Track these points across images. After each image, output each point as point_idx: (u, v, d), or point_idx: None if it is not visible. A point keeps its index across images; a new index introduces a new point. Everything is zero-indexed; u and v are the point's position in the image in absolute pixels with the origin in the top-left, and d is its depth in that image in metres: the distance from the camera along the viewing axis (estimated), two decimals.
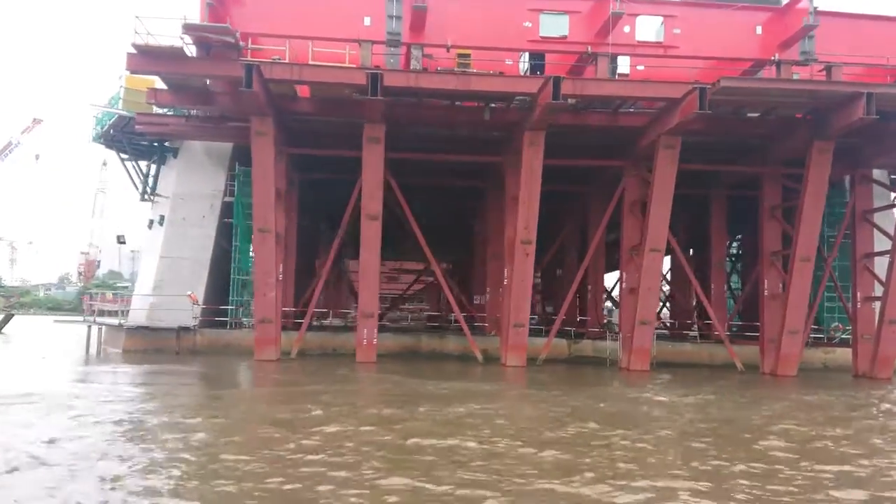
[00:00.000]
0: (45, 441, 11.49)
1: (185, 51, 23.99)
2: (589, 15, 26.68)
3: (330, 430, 13.11)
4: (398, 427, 13.63)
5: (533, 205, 26.89)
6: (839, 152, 27.03)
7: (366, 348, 27.93)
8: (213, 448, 11.37)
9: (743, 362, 30.28)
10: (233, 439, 12.22)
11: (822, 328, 33.90)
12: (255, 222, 26.79)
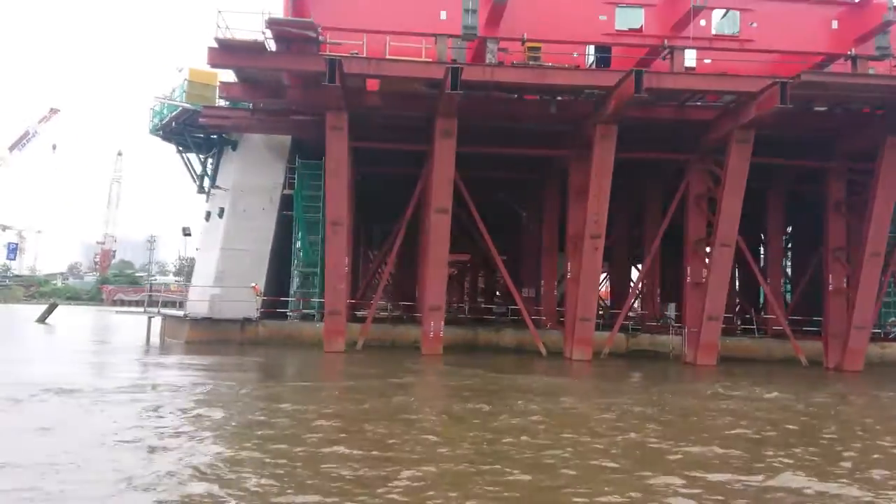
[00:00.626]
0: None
1: (265, 45, 24.03)
2: (664, 8, 26.56)
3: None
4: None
5: (603, 198, 26.91)
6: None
7: (432, 341, 28.04)
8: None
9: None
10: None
11: (879, 323, 33.77)
12: (328, 215, 26.91)
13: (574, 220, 29.41)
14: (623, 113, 25.07)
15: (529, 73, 24.93)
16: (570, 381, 22.73)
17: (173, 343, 31.68)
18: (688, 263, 29.84)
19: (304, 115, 30.48)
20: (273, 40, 24.28)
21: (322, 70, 24.32)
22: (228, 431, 12.12)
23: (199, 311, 32.26)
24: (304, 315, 32.59)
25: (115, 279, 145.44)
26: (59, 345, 31.86)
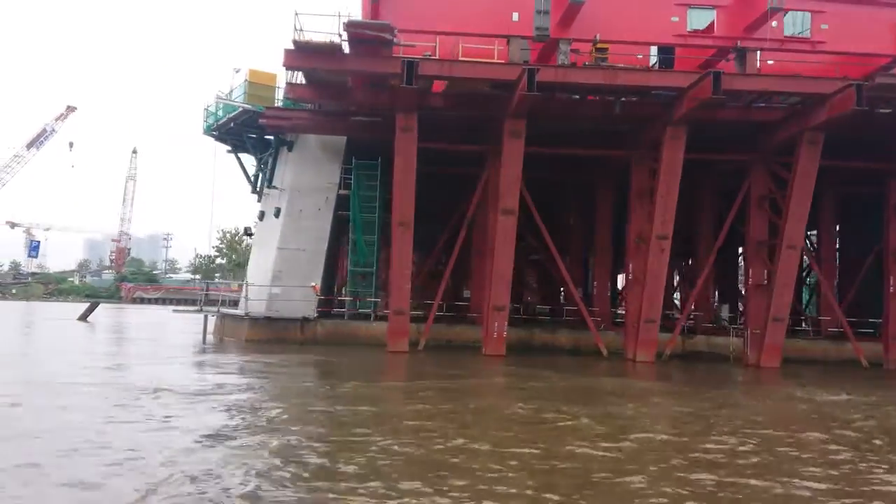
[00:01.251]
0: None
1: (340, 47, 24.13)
2: (736, 9, 26.53)
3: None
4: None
5: (672, 200, 26.92)
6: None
7: (496, 341, 28.09)
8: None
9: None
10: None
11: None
12: (396, 216, 26.98)
13: (636, 221, 29.41)
14: (694, 115, 25.05)
15: (601, 74, 24.94)
16: (653, 384, 22.75)
17: (231, 342, 31.82)
18: (749, 265, 29.82)
19: (363, 117, 30.52)
20: (347, 42, 24.30)
21: (396, 72, 24.47)
22: (389, 427, 12.20)
23: (255, 311, 32.34)
24: (360, 314, 32.72)
25: (132, 277, 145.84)
26: (122, 346, 31.89)
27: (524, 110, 25.12)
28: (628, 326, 29.60)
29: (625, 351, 29.66)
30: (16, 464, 9.25)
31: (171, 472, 9.02)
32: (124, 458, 9.60)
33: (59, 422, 12.13)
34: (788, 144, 27.91)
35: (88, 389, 16.18)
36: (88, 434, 11.05)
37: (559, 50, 25.12)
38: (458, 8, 25.58)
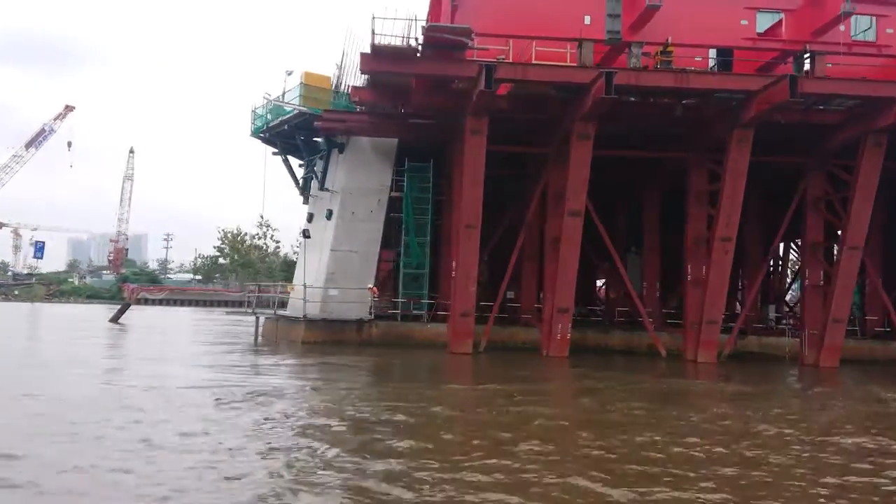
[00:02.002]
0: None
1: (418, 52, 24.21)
2: (803, 13, 26.74)
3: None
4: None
5: (737, 201, 27.12)
6: None
7: (559, 343, 28.24)
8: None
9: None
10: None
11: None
12: (463, 219, 27.07)
13: (694, 223, 29.58)
14: (763, 117, 25.23)
15: (673, 78, 25.10)
16: (728, 386, 22.96)
17: (286, 343, 31.78)
18: (806, 266, 30.06)
19: (421, 119, 30.61)
20: (422, 46, 24.36)
21: (470, 75, 24.60)
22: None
23: (308, 312, 32.32)
24: (413, 316, 32.80)
25: (135, 277, 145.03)
26: (179, 348, 31.69)
27: (597, 113, 25.23)
28: (687, 328, 29.73)
29: (683, 352, 29.81)
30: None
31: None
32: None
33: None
34: (847, 147, 28.16)
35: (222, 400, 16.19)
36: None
37: (631, 53, 25.23)
38: (530, 12, 25.68)
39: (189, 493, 8.44)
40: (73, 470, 9.34)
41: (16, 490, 8.41)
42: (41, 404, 14.26)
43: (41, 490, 8.48)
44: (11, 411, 13.45)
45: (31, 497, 8.28)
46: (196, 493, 8.49)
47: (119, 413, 13.30)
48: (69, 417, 12.71)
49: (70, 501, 8.32)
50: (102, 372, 20.52)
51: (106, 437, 11.22)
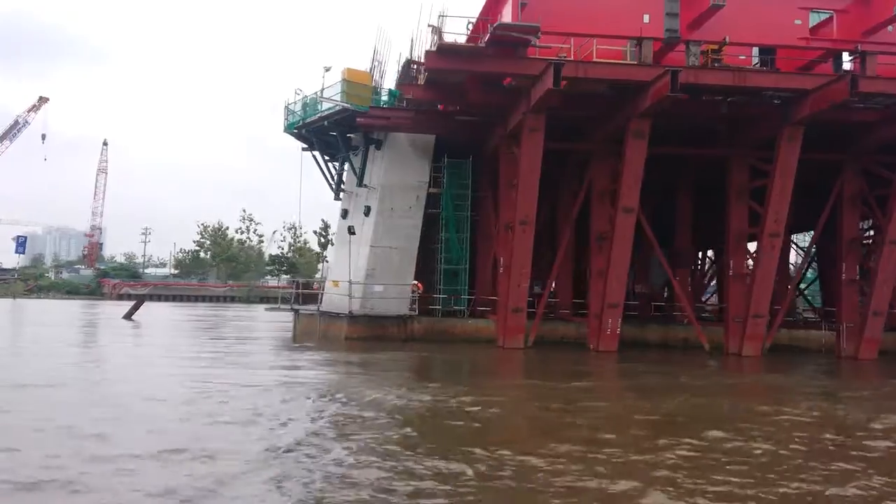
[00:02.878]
0: None
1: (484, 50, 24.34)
2: (853, 14, 27.33)
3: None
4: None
5: (785, 198, 27.65)
6: None
7: (609, 337, 28.60)
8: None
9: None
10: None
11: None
12: (518, 215, 27.26)
13: (736, 219, 30.08)
14: (820, 116, 25.78)
15: (729, 76, 25.54)
16: (792, 379, 23.51)
17: (328, 339, 31.72)
18: (844, 261, 30.76)
19: (467, 116, 30.75)
20: (487, 44, 24.49)
21: (533, 73, 24.82)
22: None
23: (346, 307, 32.31)
24: (453, 311, 33.00)
25: (115, 272, 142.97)
26: (224, 346, 31.41)
27: (655, 111, 25.56)
28: (729, 322, 30.25)
29: (725, 345, 30.30)
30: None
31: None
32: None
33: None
34: (885, 144, 28.91)
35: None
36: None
37: (689, 51, 25.60)
38: (591, 10, 25.90)
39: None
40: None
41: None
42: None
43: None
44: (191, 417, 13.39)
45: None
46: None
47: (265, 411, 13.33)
48: (232, 436, 12.33)
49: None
50: (188, 375, 20.35)
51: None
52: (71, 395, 15.43)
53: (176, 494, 8.11)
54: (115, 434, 11.16)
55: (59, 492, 8.26)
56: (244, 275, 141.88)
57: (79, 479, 8.66)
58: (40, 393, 15.48)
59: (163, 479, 8.68)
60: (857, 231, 30.81)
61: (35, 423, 11.76)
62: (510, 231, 29.41)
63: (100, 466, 9.21)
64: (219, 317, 58.99)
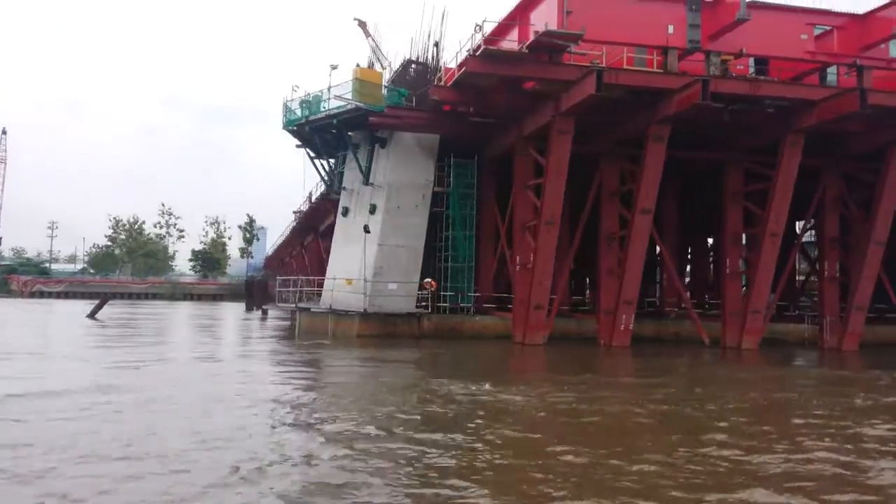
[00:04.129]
0: None
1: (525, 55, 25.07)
2: (853, 31, 29.51)
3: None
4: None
5: (786, 200, 29.57)
6: None
7: (623, 333, 29.86)
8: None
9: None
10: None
11: None
12: (544, 215, 28.12)
13: (732, 219, 31.96)
14: (827, 126, 27.77)
15: (745, 85, 27.14)
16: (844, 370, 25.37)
17: (337, 337, 31.79)
18: (826, 259, 33.12)
19: (482, 118, 31.41)
20: (529, 49, 25.24)
21: (570, 79, 25.76)
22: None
23: (356, 306, 32.48)
24: (460, 308, 33.65)
25: (22, 268, 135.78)
26: (230, 346, 31.01)
27: (679, 117, 26.91)
28: (726, 317, 32.07)
29: (722, 339, 32.07)
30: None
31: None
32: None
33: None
34: (867, 151, 31.34)
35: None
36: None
37: (710, 61, 27.02)
38: (622, 20, 27.01)
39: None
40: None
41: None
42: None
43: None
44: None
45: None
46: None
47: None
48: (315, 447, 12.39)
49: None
50: (234, 378, 20.22)
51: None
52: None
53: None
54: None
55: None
56: (162, 272, 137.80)
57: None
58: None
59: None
60: (837, 231, 33.18)
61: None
62: (527, 231, 30.35)
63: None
64: (173, 315, 57.49)
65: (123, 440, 10.34)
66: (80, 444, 10.05)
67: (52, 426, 11.29)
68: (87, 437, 10.54)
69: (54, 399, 13.86)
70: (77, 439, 10.33)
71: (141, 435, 10.77)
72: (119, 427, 11.37)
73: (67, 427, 11.16)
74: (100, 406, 13.14)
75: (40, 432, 10.78)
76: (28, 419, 11.85)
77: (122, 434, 10.74)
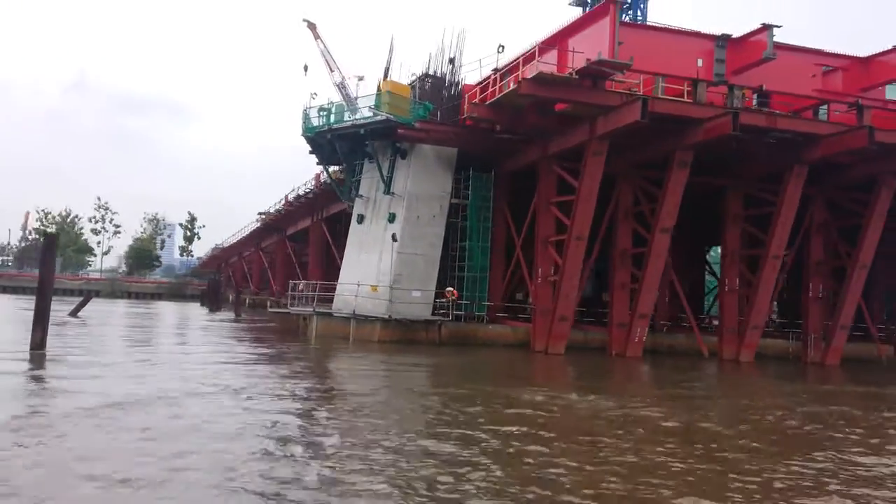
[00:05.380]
0: None
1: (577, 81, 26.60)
2: (855, 74, 32.25)
3: None
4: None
5: (788, 224, 32.09)
6: None
7: (636, 344, 31.72)
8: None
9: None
10: None
11: None
12: (574, 231, 29.65)
13: (731, 240, 34.33)
14: (831, 159, 30.31)
15: (763, 118, 29.32)
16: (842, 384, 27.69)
17: (358, 342, 32.49)
18: (811, 281, 35.83)
19: (508, 135, 32.77)
20: (578, 75, 26.76)
21: (614, 104, 27.43)
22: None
23: (371, 311, 33.28)
24: (475, 317, 34.88)
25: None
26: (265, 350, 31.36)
27: (705, 144, 28.90)
28: (723, 331, 34.37)
29: (719, 352, 34.28)
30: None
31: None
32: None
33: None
34: (854, 181, 34.19)
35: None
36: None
37: (733, 95, 29.09)
38: (657, 53, 28.76)
39: None
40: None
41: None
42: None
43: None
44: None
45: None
46: None
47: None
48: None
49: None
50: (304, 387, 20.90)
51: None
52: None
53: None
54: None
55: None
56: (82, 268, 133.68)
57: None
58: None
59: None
60: (822, 254, 35.95)
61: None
62: (549, 245, 31.89)
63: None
64: (147, 314, 56.46)
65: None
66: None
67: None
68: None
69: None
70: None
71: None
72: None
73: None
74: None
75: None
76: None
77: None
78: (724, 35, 29.62)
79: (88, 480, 8.59)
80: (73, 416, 12.23)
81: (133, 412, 12.87)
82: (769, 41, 28.29)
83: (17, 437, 10.49)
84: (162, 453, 9.89)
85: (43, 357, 20.45)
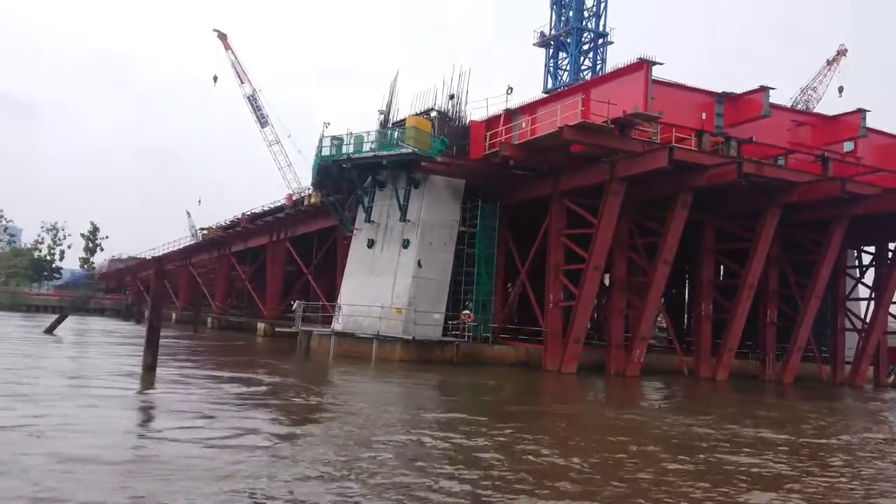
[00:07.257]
0: None
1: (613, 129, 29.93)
2: (821, 129, 37.24)
3: None
4: None
5: (762, 257, 36.54)
6: None
7: (635, 364, 35.19)
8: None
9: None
10: None
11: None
12: (592, 261, 32.84)
13: (706, 270, 38.65)
14: (806, 204, 35.00)
15: (754, 167, 33.52)
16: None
17: (378, 361, 34.26)
18: (767, 307, 40.64)
19: (522, 170, 35.70)
20: (614, 124, 30.05)
21: (637, 150, 30.92)
22: None
23: (384, 331, 35.21)
24: (481, 338, 37.39)
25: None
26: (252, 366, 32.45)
27: (706, 188, 32.85)
28: (699, 352, 38.48)
29: (696, 371, 38.31)
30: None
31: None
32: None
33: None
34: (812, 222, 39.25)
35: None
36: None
37: (730, 145, 33.22)
38: (670, 106, 32.36)
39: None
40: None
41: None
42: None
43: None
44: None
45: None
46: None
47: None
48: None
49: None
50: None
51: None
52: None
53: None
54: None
55: None
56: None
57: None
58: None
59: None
60: (777, 285, 40.86)
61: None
62: (560, 274, 34.95)
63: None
64: (122, 332, 54.86)
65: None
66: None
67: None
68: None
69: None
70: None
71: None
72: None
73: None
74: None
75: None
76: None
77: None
78: (723, 92, 33.75)
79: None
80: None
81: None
82: (765, 101, 32.60)
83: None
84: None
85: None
